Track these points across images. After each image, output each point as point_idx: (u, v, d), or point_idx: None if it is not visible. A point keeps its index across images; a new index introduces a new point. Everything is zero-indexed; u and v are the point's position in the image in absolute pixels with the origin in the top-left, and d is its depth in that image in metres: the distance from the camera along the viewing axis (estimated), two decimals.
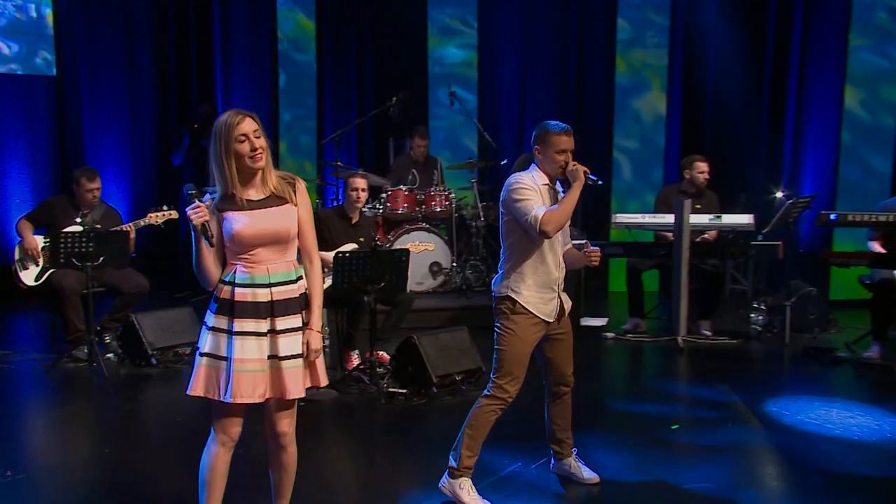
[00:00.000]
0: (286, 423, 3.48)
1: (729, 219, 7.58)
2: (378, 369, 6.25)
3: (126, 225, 6.79)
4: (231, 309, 3.31)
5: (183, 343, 6.78)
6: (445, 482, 4.14)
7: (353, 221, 6.68)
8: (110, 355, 6.62)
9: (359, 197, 6.63)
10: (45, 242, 6.64)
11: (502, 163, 9.59)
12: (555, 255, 4.12)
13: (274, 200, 3.35)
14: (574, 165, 4.01)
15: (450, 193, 8.74)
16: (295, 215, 3.38)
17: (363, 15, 11.05)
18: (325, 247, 6.49)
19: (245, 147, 3.27)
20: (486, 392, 4.12)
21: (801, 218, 7.70)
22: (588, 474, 4.47)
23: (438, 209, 8.56)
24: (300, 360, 3.40)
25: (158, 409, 5.99)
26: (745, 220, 7.54)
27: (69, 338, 6.63)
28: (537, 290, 4.09)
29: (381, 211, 8.38)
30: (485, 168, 9.56)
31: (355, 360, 6.50)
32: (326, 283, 6.29)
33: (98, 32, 10.34)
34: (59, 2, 10.04)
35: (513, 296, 4.02)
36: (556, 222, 3.88)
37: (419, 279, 8.25)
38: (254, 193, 3.34)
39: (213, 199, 3.34)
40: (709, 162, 7.86)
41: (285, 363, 3.35)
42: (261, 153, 3.30)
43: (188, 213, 3.25)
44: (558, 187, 4.31)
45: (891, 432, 5.48)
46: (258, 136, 3.29)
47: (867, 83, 9.66)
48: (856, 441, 5.33)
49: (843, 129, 9.72)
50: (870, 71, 9.64)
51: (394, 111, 10.26)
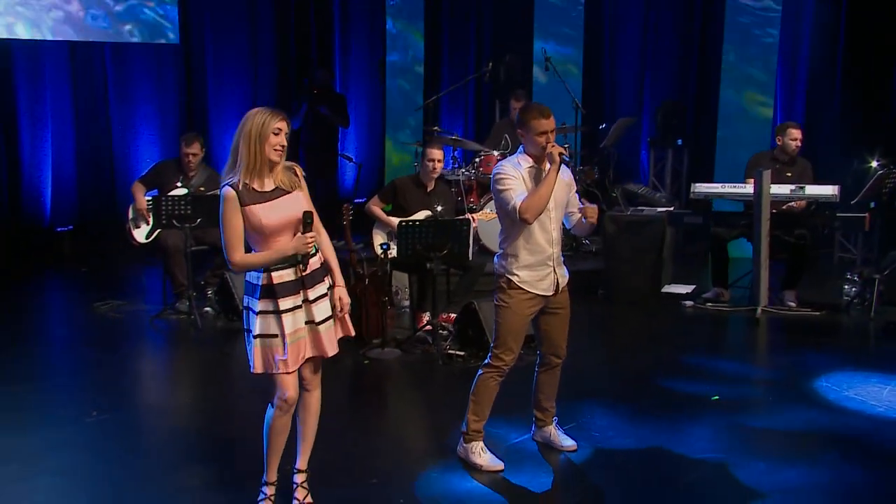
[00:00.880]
0: (316, 379, 4.07)
1: (812, 189, 7.61)
2: (442, 332, 6.72)
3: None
4: (273, 291, 3.84)
5: None
6: (460, 447, 4.59)
7: (429, 189, 7.16)
8: (208, 309, 7.43)
9: (434, 167, 7.11)
10: (149, 204, 7.48)
11: (601, 127, 10.01)
12: (546, 232, 4.42)
13: (281, 191, 3.86)
14: (552, 147, 4.28)
15: None
16: (302, 200, 3.89)
17: None
18: (401, 213, 7.13)
19: (276, 139, 3.79)
20: (485, 361, 4.52)
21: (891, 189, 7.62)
22: (567, 442, 4.81)
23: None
24: (332, 321, 3.95)
25: (243, 361, 6.79)
26: (828, 190, 7.54)
27: (175, 291, 7.51)
28: (531, 268, 4.43)
29: (473, 175, 8.84)
30: (585, 132, 9.88)
31: (426, 322, 7.01)
32: (392, 252, 6.92)
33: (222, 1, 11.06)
34: None
35: (507, 275, 4.39)
36: (535, 208, 4.22)
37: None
38: (266, 184, 3.84)
39: (232, 187, 3.81)
40: (802, 129, 7.88)
41: (321, 326, 3.90)
42: (283, 148, 3.83)
43: (303, 242, 3.78)
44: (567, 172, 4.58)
45: None
46: (285, 135, 3.83)
47: None
48: (893, 419, 5.40)
49: None
50: None
51: (500, 73, 10.79)
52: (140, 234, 7.71)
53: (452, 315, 6.93)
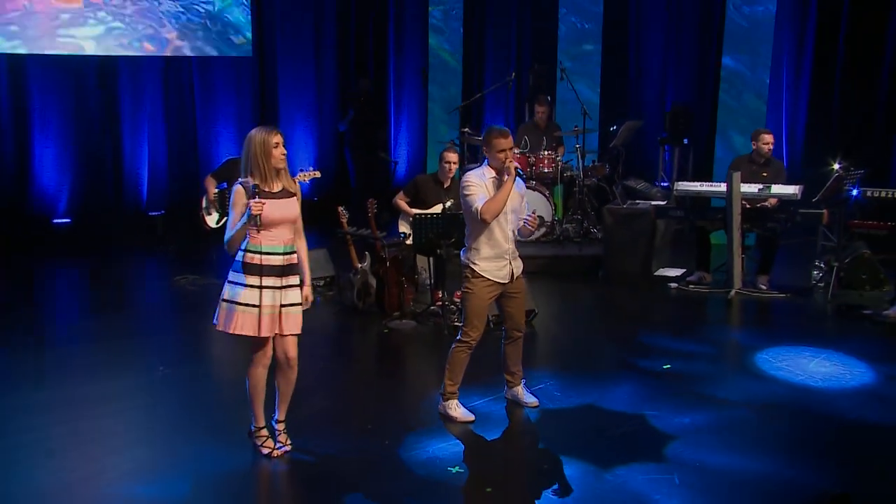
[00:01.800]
0: (292, 349, 4.61)
1: (777, 189, 7.90)
2: (451, 307, 7.27)
3: None
4: (260, 270, 4.43)
5: (319, 276, 8.10)
6: (439, 405, 5.22)
7: (445, 186, 7.68)
8: None
9: (450, 168, 7.64)
10: (214, 195, 8.13)
11: (611, 129, 10.29)
12: (503, 231, 4.98)
13: (286, 193, 4.46)
14: (509, 162, 4.85)
15: (557, 157, 9.46)
16: (298, 205, 4.51)
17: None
18: (421, 206, 7.67)
19: (277, 151, 4.42)
20: (457, 337, 5.13)
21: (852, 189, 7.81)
22: (530, 399, 5.37)
23: (546, 170, 9.34)
24: (299, 307, 4.54)
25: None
26: (790, 190, 7.87)
27: None
28: (490, 260, 5.00)
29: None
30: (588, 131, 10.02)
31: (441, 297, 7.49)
32: (409, 240, 7.50)
33: (291, 17, 11.43)
34: None
35: (471, 265, 4.98)
36: (493, 211, 4.81)
37: None
38: (275, 186, 4.44)
39: (258, 189, 4.36)
40: (773, 134, 8.18)
41: (288, 309, 4.49)
42: (284, 156, 4.45)
43: (252, 205, 4.30)
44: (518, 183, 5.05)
45: (851, 380, 5.94)
46: (283, 146, 4.45)
47: None
48: (811, 387, 5.82)
49: None
50: None
51: (529, 80, 11.25)
52: (211, 221, 8.32)
53: (459, 293, 7.44)
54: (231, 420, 5.21)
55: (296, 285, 4.58)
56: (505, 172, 4.89)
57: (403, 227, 7.75)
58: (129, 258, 10.02)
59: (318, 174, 7.72)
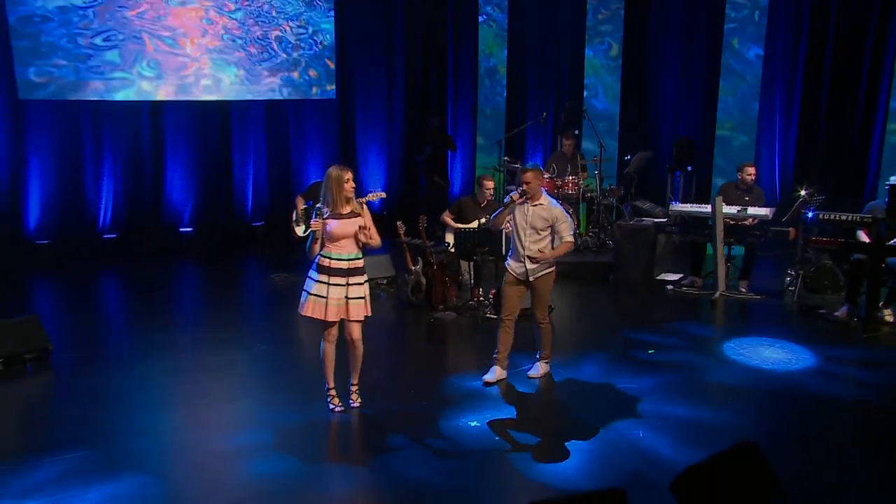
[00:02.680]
0: (356, 332, 5.22)
1: (753, 210, 8.12)
2: (484, 302, 7.77)
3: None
4: (329, 270, 5.09)
5: (381, 276, 8.58)
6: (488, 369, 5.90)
7: (482, 205, 8.08)
8: None
9: (484, 191, 8.08)
10: (301, 211, 8.42)
11: (626, 158, 10.58)
12: (520, 241, 5.68)
13: (353, 214, 5.10)
14: (513, 196, 5.59)
15: (579, 181, 9.66)
16: (360, 221, 5.11)
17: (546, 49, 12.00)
18: (463, 221, 8.07)
19: (348, 185, 5.11)
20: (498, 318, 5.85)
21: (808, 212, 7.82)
22: (534, 371, 5.97)
23: (570, 192, 9.59)
24: (361, 300, 5.16)
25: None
26: (763, 211, 8.11)
27: None
28: (513, 259, 5.75)
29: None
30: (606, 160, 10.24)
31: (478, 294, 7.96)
32: (451, 248, 7.95)
33: (367, 67, 11.73)
34: (341, 38, 11.29)
35: (505, 263, 5.78)
36: (493, 223, 5.83)
37: None
38: (344, 210, 5.08)
39: (322, 212, 5.09)
40: (755, 167, 8.52)
41: (352, 301, 5.13)
42: (353, 188, 5.12)
43: (313, 224, 5.05)
44: (552, 202, 5.75)
45: (795, 364, 6.34)
46: (353, 180, 5.15)
47: None
48: (761, 368, 6.25)
49: None
50: None
51: (561, 117, 11.55)
52: (299, 231, 8.49)
53: (493, 291, 7.72)
54: (309, 385, 5.78)
55: (360, 283, 5.16)
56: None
57: (449, 238, 8.15)
58: (236, 260, 10.44)
59: (383, 195, 7.85)
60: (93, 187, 9.94)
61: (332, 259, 5.12)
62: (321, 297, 5.11)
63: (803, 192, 8.16)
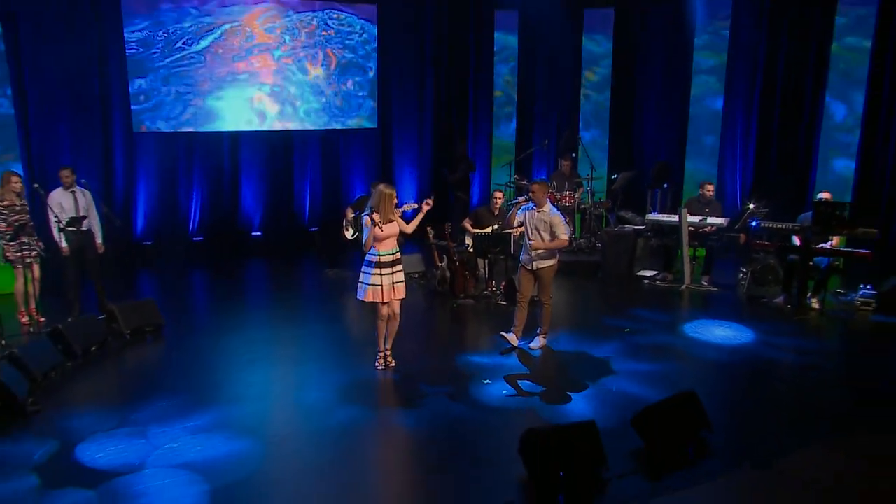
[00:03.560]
0: (398, 308, 5.94)
1: (711, 220, 8.55)
2: (497, 291, 8.32)
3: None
4: (380, 265, 5.78)
5: (414, 271, 8.99)
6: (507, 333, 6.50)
7: (495, 214, 8.58)
8: None
9: (496, 203, 8.62)
10: (350, 218, 9.04)
11: (613, 177, 10.97)
12: (528, 238, 6.26)
13: (392, 220, 5.81)
14: (521, 201, 6.24)
15: (575, 195, 10.07)
16: (398, 226, 5.86)
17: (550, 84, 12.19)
18: (479, 227, 8.51)
19: (393, 199, 5.87)
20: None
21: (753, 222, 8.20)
22: (534, 343, 6.54)
23: (567, 204, 9.98)
24: (402, 283, 5.86)
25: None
26: (720, 220, 8.55)
27: None
28: (524, 254, 6.34)
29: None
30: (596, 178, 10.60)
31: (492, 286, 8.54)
32: (471, 248, 8.44)
33: (402, 101, 11.65)
34: (381, 81, 11.32)
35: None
36: (507, 222, 6.45)
37: None
38: (388, 217, 5.80)
39: (373, 217, 5.71)
40: (713, 184, 8.89)
41: (396, 284, 5.85)
42: (395, 202, 5.84)
43: (368, 218, 5.67)
44: (553, 209, 6.30)
45: (736, 339, 6.90)
46: (395, 195, 5.90)
47: None
48: (709, 342, 6.83)
49: None
50: None
51: (558, 143, 11.97)
52: (348, 234, 9.17)
53: (503, 283, 8.33)
54: (356, 351, 6.47)
55: (400, 271, 5.88)
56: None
57: (468, 241, 8.67)
58: (296, 258, 10.62)
59: (416, 205, 7.90)
60: (185, 200, 10.43)
61: (381, 255, 5.85)
62: (378, 285, 5.81)
63: (752, 206, 8.59)
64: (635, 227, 9.66)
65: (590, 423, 4.70)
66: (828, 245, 7.80)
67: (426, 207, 6.03)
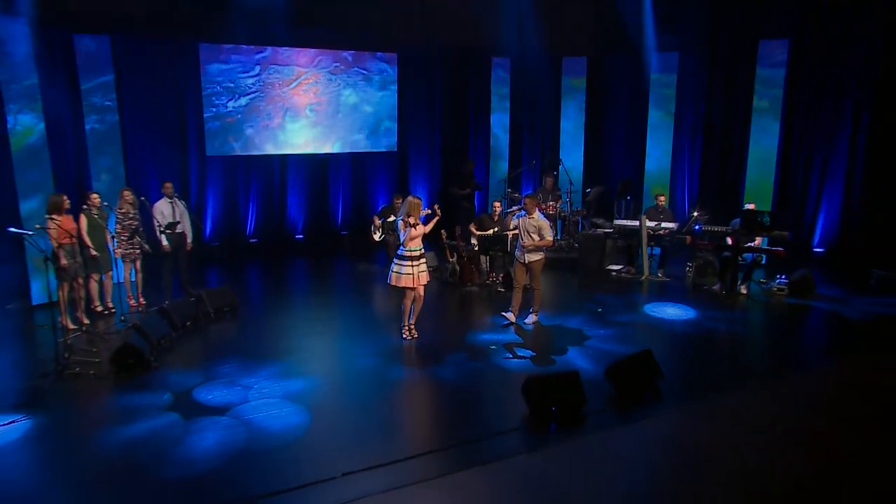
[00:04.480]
0: (422, 290, 6.50)
1: (665, 224, 9.06)
2: (497, 280, 8.81)
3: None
4: (410, 259, 6.37)
5: (431, 266, 8.93)
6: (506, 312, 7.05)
7: (495, 219, 9.03)
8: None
9: (495, 211, 9.12)
10: (378, 224, 9.43)
11: (587, 191, 11.41)
12: (521, 239, 6.77)
13: (416, 224, 6.53)
14: (515, 210, 6.74)
15: (558, 204, 10.52)
16: (422, 228, 6.51)
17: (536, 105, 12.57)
18: (483, 229, 8.89)
19: (419, 209, 6.56)
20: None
21: (696, 226, 8.59)
22: (528, 319, 7.08)
23: (550, 212, 10.36)
24: (425, 272, 6.42)
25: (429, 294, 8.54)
26: (672, 225, 9.05)
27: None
28: (518, 251, 6.87)
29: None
30: (573, 192, 11.14)
31: (493, 276, 9.04)
32: (476, 247, 8.96)
33: (416, 127, 11.76)
34: (400, 110, 11.36)
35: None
36: (504, 226, 6.92)
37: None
38: (413, 220, 6.49)
39: (406, 221, 6.38)
40: (664, 196, 9.35)
41: (421, 273, 6.42)
42: (420, 210, 6.48)
43: (403, 221, 6.30)
44: (540, 215, 6.85)
45: (684, 316, 7.46)
46: (421, 204, 6.53)
47: None
48: (664, 318, 7.39)
49: None
50: None
51: (543, 163, 12.35)
52: (377, 237, 9.49)
53: (502, 274, 8.83)
54: (388, 326, 6.98)
55: (424, 262, 6.43)
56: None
57: (473, 241, 9.09)
58: (331, 257, 10.68)
59: (429, 211, 8.08)
60: (244, 209, 10.73)
61: (411, 251, 6.49)
62: (409, 273, 6.38)
63: (696, 214, 9.09)
64: (605, 231, 10.01)
65: (574, 372, 5.43)
66: (753, 244, 8.29)
67: (437, 215, 6.53)
